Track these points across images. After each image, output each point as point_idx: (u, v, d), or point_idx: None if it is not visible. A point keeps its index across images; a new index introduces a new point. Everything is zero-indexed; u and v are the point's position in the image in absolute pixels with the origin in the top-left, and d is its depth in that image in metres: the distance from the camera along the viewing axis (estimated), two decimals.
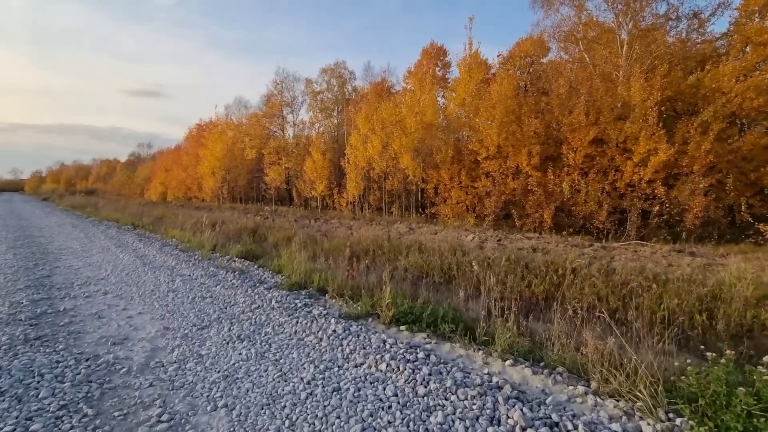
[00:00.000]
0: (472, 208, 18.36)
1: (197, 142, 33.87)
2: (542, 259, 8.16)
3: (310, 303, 5.42)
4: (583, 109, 16.04)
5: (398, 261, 9.39)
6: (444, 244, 9.80)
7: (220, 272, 7.25)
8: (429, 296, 5.51)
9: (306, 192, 24.83)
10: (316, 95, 32.57)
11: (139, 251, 9.73)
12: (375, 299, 5.21)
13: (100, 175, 71.09)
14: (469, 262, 8.51)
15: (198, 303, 5.49)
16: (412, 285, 6.84)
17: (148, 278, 6.98)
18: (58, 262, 8.51)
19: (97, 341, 4.24)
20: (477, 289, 7.61)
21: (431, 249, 9.87)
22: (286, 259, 7.43)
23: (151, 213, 19.33)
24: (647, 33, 18.65)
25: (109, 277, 7.14)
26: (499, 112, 17.37)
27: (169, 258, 8.65)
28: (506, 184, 16.80)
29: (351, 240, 11.87)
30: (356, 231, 15.56)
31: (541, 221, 15.36)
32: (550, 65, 23.16)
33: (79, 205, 27.16)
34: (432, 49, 25.46)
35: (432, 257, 9.13)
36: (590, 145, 15.89)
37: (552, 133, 17.57)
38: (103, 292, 6.17)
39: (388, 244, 10.47)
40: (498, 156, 17.70)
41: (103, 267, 8.01)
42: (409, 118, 19.94)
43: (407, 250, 9.89)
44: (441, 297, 5.79)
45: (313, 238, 13.17)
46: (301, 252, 7.17)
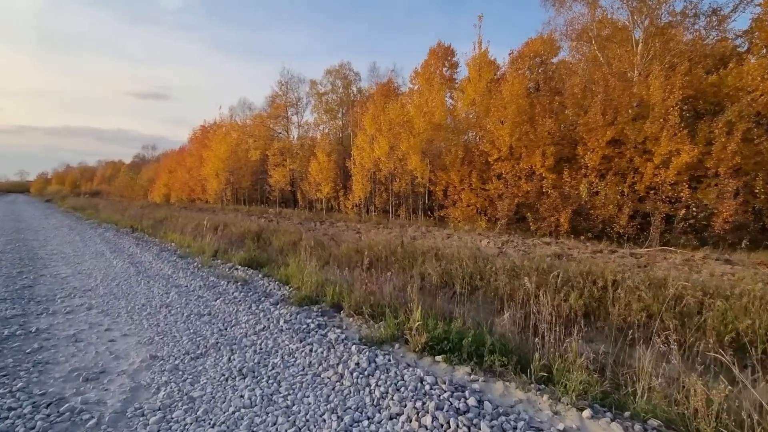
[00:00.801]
0: (483, 211, 17.52)
1: (201, 143, 33.12)
2: (575, 269, 7.32)
3: (324, 323, 4.58)
4: (600, 108, 15.20)
5: (414, 269, 8.56)
6: (464, 250, 8.95)
7: (221, 283, 6.42)
8: (463, 314, 4.67)
9: (311, 194, 24.02)
10: (320, 96, 31.82)
11: (135, 257, 8.91)
12: (400, 319, 4.38)
13: (104, 176, 70.44)
14: (495, 270, 7.67)
15: (194, 322, 4.65)
16: (432, 296, 6.00)
17: (141, 290, 6.15)
18: (45, 270, 7.69)
19: (67, 376, 3.40)
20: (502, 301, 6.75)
21: (450, 256, 9.03)
22: (294, 268, 6.59)
23: (153, 215, 18.53)
24: (663, 31, 17.83)
25: (98, 288, 6.31)
26: (511, 112, 16.55)
27: (165, 265, 7.82)
28: (519, 187, 15.96)
29: (361, 245, 11.04)
30: (365, 235, 14.73)
31: (557, 225, 14.51)
32: (562, 64, 22.35)
33: (80, 206, 26.40)
34: (439, 49, 24.66)
35: (452, 265, 8.29)
36: (607, 146, 15.04)
37: (566, 134, 16.73)
38: (87, 307, 5.34)
39: (402, 250, 9.63)
40: (510, 157, 16.87)
41: (92, 275, 7.19)
42: (417, 119, 19.12)
43: (423, 257, 9.05)
44: (475, 314, 4.95)
45: (321, 242, 12.34)
46: (311, 260, 6.34)
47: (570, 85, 17.40)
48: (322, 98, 31.82)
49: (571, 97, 16.93)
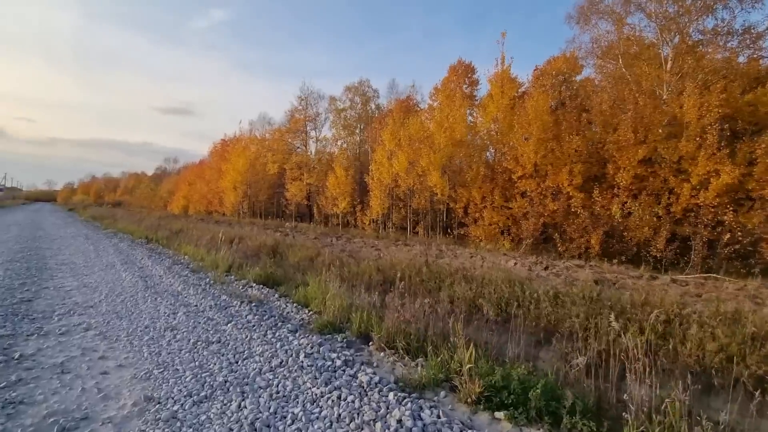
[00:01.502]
0: (506, 230, 16.64)
1: (221, 156, 33.17)
2: (628, 298, 6.44)
3: (352, 358, 3.82)
4: (631, 126, 14.37)
5: (442, 291, 7.76)
6: (497, 272, 8.13)
7: (234, 303, 5.73)
8: (517, 354, 3.87)
9: (328, 209, 23.47)
10: (339, 113, 31.65)
11: (145, 270, 8.33)
12: (442, 356, 3.61)
13: (127, 187, 71.63)
14: (535, 296, 6.83)
15: (200, 352, 3.95)
16: (465, 323, 5.21)
17: (146, 308, 5.50)
18: (50, 282, 7.14)
19: (40, 423, 2.71)
20: (547, 331, 5.95)
21: (480, 278, 8.21)
22: (314, 289, 5.88)
23: (169, 226, 18.17)
24: (692, 48, 17.09)
25: (100, 305, 5.69)
26: (535, 128, 15.83)
27: (176, 280, 7.20)
28: (545, 205, 15.07)
29: (382, 263, 10.30)
30: (384, 252, 13.98)
31: (588, 247, 13.53)
32: (586, 82, 21.65)
33: (99, 216, 26.36)
34: (460, 66, 24.27)
35: (484, 288, 7.47)
36: (639, 165, 14.13)
37: (594, 152, 15.89)
38: (84, 327, 4.70)
39: (427, 270, 8.85)
40: (535, 175, 16.04)
41: (98, 289, 6.59)
42: (437, 134, 18.53)
43: (452, 278, 8.25)
44: (515, 346, 4.13)
45: (338, 258, 11.64)
46: (334, 281, 5.61)
47: (597, 101, 16.66)
48: (341, 114, 31.65)
49: (599, 115, 16.16)
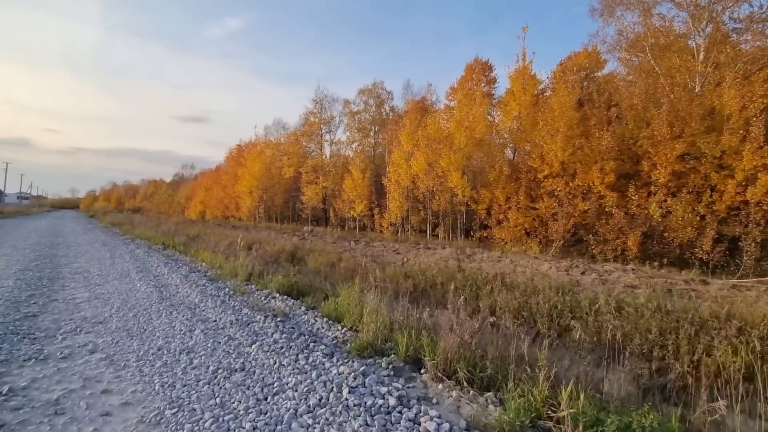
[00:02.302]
0: (532, 232, 15.70)
1: (237, 161, 32.91)
2: (706, 309, 5.54)
3: (405, 392, 3.06)
4: (666, 120, 13.36)
5: (481, 300, 6.96)
6: (541, 279, 7.28)
7: (257, 317, 5.03)
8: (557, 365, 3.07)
9: (345, 212, 22.82)
10: (353, 115, 31.08)
11: (161, 279, 7.73)
12: (521, 390, 2.83)
13: (146, 194, 72.41)
14: (592, 307, 6.00)
15: (221, 383, 3.24)
16: (510, 340, 4.43)
17: (160, 324, 4.84)
18: (61, 293, 6.57)
19: None
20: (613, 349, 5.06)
21: (521, 284, 7.38)
22: (346, 300, 5.14)
23: (186, 232, 17.71)
24: (726, 37, 16.01)
25: (111, 320, 5.05)
26: (562, 124, 14.91)
27: (193, 291, 6.55)
28: (575, 206, 14.11)
29: (409, 269, 9.53)
30: (406, 256, 13.21)
31: (624, 249, 12.54)
32: (610, 77, 20.61)
33: (118, 222, 26.20)
34: (476, 64, 23.43)
35: (531, 297, 6.65)
36: (677, 161, 13.10)
37: (625, 148, 14.89)
38: (90, 349, 4.05)
39: (461, 276, 8.05)
40: (563, 173, 15.11)
41: (110, 302, 5.98)
42: (457, 134, 17.73)
43: (491, 285, 7.44)
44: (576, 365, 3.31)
45: (359, 263, 10.91)
46: (373, 293, 4.85)
47: (627, 96, 15.66)
48: (355, 117, 31.07)
49: (629, 109, 15.16)
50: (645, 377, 4.29)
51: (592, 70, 21.65)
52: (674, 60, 16.16)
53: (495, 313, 6.69)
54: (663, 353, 4.77)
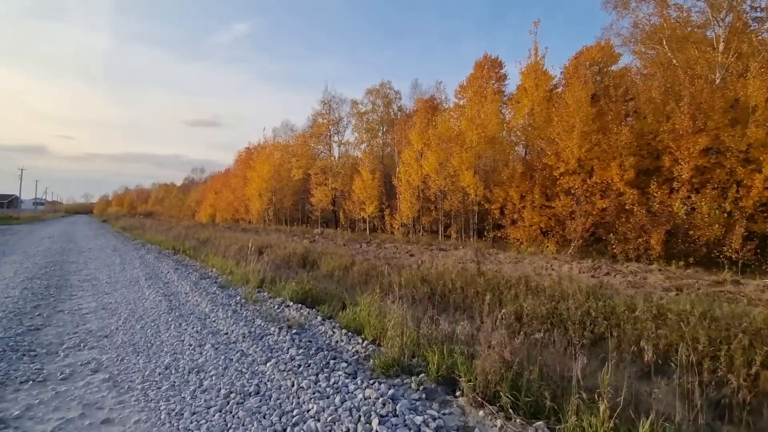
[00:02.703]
0: (548, 232, 15.18)
1: (246, 164, 32.79)
2: (762, 315, 5.06)
3: (443, 421, 2.66)
4: (688, 113, 12.75)
5: (506, 306, 6.51)
6: (573, 283, 6.81)
7: (271, 329, 4.66)
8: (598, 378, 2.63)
9: (355, 213, 22.47)
10: (361, 116, 30.73)
11: (171, 286, 7.42)
12: (580, 418, 2.41)
13: (158, 198, 72.91)
14: (628, 313, 5.56)
15: (234, 410, 2.87)
16: (540, 349, 4.05)
17: (168, 338, 4.50)
18: (67, 303, 6.29)
19: None
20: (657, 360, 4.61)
21: (547, 288, 6.93)
22: (365, 310, 4.75)
23: (196, 235, 17.51)
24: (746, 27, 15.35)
25: (117, 334, 4.73)
26: (578, 120, 14.36)
27: (203, 300, 6.22)
28: (593, 204, 13.57)
29: (426, 272, 9.11)
30: (420, 258, 12.79)
31: (647, 248, 11.98)
32: (623, 71, 19.97)
33: (129, 226, 26.18)
34: (486, 61, 22.89)
35: (559, 303, 6.20)
36: (701, 156, 12.49)
37: (645, 143, 14.30)
38: (93, 368, 3.71)
39: (482, 280, 7.62)
40: (580, 170, 14.57)
41: (117, 312, 5.67)
42: (469, 132, 17.25)
43: (515, 289, 7.00)
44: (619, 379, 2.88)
45: (373, 266, 10.53)
46: (393, 299, 4.44)
47: (645, 89, 15.05)
48: (363, 117, 30.72)
49: (648, 103, 14.55)
50: (697, 392, 3.84)
51: (605, 65, 21.00)
52: (692, 51, 15.54)
53: (521, 320, 6.26)
54: (714, 365, 4.30)
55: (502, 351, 3.18)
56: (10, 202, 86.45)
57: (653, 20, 16.98)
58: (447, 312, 7.10)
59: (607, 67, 21.18)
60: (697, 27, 16.61)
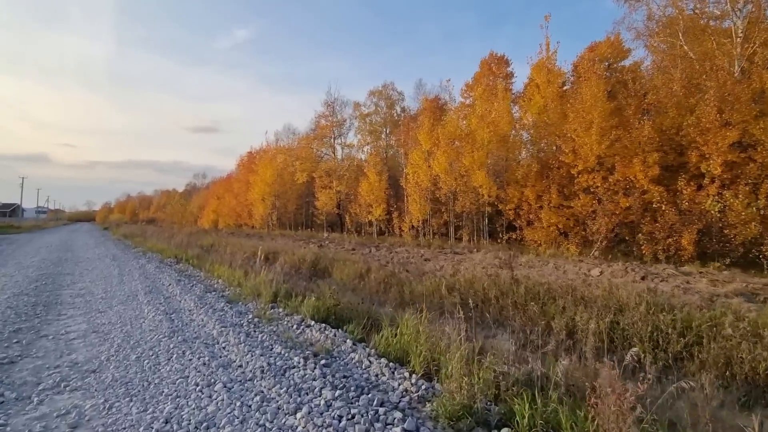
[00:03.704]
0: (566, 232, 14.32)
1: (248, 169, 31.91)
2: None
3: None
4: (714, 105, 11.95)
5: (556, 319, 5.68)
6: (619, 291, 5.93)
7: (293, 358, 3.78)
8: None
9: (362, 217, 21.57)
10: (364, 117, 29.94)
11: (172, 302, 6.53)
12: None
13: (159, 204, 71.96)
14: (713, 331, 4.71)
15: None
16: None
17: (170, 374, 3.61)
18: (54, 325, 5.40)
19: None
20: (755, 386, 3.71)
21: (600, 299, 6.05)
22: (410, 333, 3.87)
23: (199, 242, 16.62)
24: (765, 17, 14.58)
25: (107, 367, 3.84)
26: (596, 116, 13.55)
27: (210, 319, 5.33)
28: (616, 202, 12.72)
29: (451, 279, 8.24)
30: (436, 263, 11.92)
31: (678, 248, 11.12)
32: (634, 66, 19.23)
33: (130, 234, 25.25)
34: (492, 59, 22.12)
35: (621, 316, 5.34)
36: (729, 150, 11.67)
37: (667, 139, 13.48)
38: (71, 424, 2.82)
39: (520, 289, 6.75)
40: (599, 168, 13.74)
41: (110, 337, 4.78)
42: (480, 130, 16.41)
43: (560, 301, 6.12)
44: None
45: (392, 273, 9.65)
46: (455, 328, 3.55)
47: (665, 82, 14.26)
48: (366, 119, 29.93)
49: (669, 96, 13.75)
50: None
51: (615, 60, 20.25)
52: (710, 43, 14.80)
53: (573, 336, 5.40)
54: None
55: (622, 399, 2.30)
56: (13, 211, 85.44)
57: (668, 11, 16.26)
58: (483, 326, 6.24)
59: (617, 62, 20.44)
60: (713, 18, 15.90)
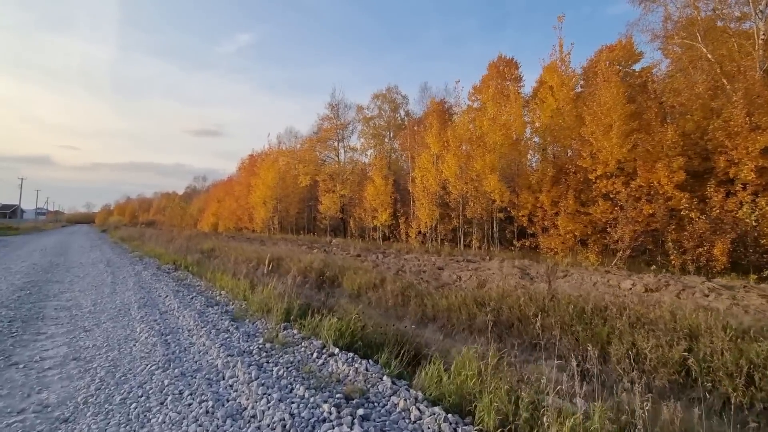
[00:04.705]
0: (584, 240, 13.53)
1: (250, 171, 31.04)
2: None
3: None
4: (743, 108, 11.25)
5: (613, 345, 4.89)
6: (702, 315, 5.10)
7: (321, 404, 2.92)
8: None
9: (367, 221, 20.73)
10: (368, 121, 29.20)
11: (169, 318, 5.66)
12: None
13: (159, 207, 70.81)
14: None
15: None
16: None
17: (162, 428, 2.77)
18: (28, 348, 4.52)
19: None
20: None
21: (662, 321, 5.24)
22: (472, 373, 3.04)
23: (200, 246, 15.72)
24: None
25: (83, 414, 2.98)
26: (616, 118, 12.83)
27: (213, 344, 4.45)
28: (640, 209, 11.95)
29: (478, 293, 7.40)
30: (452, 272, 11.08)
31: (709, 259, 10.34)
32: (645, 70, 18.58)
33: (128, 237, 24.27)
34: (500, 62, 21.45)
35: (696, 343, 4.53)
36: (761, 155, 10.94)
37: (691, 143, 12.77)
38: None
39: (559, 307, 5.93)
40: (620, 173, 13.00)
41: (92, 366, 3.92)
42: (492, 133, 15.66)
43: (615, 323, 5.29)
44: None
45: (410, 284, 8.80)
46: (550, 368, 2.72)
47: (687, 84, 13.58)
48: (369, 123, 29.19)
49: (693, 99, 13.06)
50: None
51: (627, 63, 19.61)
52: (732, 45, 14.16)
53: (638, 363, 4.58)
54: None
55: None
56: (12, 212, 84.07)
57: (687, 12, 15.62)
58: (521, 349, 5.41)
59: (629, 66, 19.81)
60: (732, 20, 15.28)
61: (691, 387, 4.39)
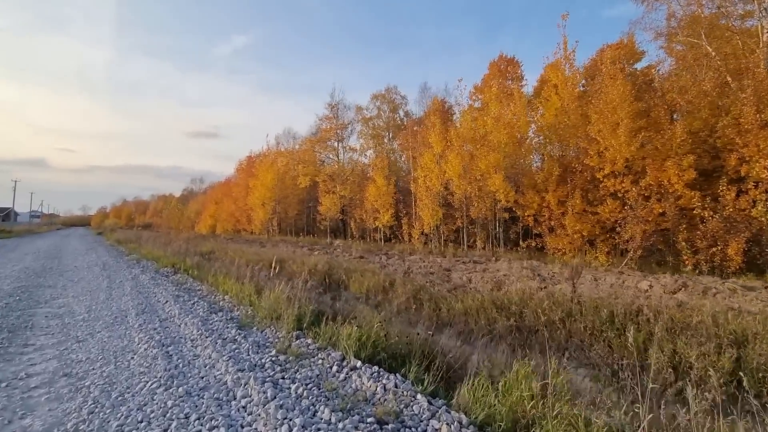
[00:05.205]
0: (592, 240, 13.21)
1: (248, 173, 30.49)
2: None
3: None
4: (753, 104, 10.99)
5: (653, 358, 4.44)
6: (734, 316, 4.73)
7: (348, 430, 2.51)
8: None
9: (368, 222, 20.29)
10: (367, 121, 28.80)
11: (170, 326, 5.20)
12: None
13: (156, 209, 69.84)
14: None
15: None
16: None
17: None
18: (13, 362, 4.04)
19: None
20: None
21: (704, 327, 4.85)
22: (526, 393, 2.63)
23: (198, 248, 15.20)
24: None
25: None
26: (624, 116, 12.53)
27: (221, 356, 4.00)
28: (650, 209, 11.65)
29: (497, 296, 7.00)
30: (460, 274, 10.67)
31: (723, 259, 10.03)
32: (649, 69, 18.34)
33: (125, 239, 23.63)
34: (501, 61, 21.13)
35: (744, 351, 4.14)
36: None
37: (700, 141, 12.50)
38: None
39: (588, 311, 5.53)
40: (627, 172, 12.70)
41: (84, 384, 3.45)
42: (496, 132, 15.32)
43: (652, 329, 4.90)
44: None
45: (422, 286, 8.38)
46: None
47: (694, 82, 13.31)
48: (369, 123, 28.79)
49: (701, 96, 12.79)
50: None
51: (629, 62, 19.36)
52: (736, 42, 13.93)
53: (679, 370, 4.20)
54: None
55: None
56: (6, 215, 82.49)
57: (691, 9, 15.39)
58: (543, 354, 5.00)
59: (631, 64, 19.58)
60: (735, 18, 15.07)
61: (743, 399, 4.02)
